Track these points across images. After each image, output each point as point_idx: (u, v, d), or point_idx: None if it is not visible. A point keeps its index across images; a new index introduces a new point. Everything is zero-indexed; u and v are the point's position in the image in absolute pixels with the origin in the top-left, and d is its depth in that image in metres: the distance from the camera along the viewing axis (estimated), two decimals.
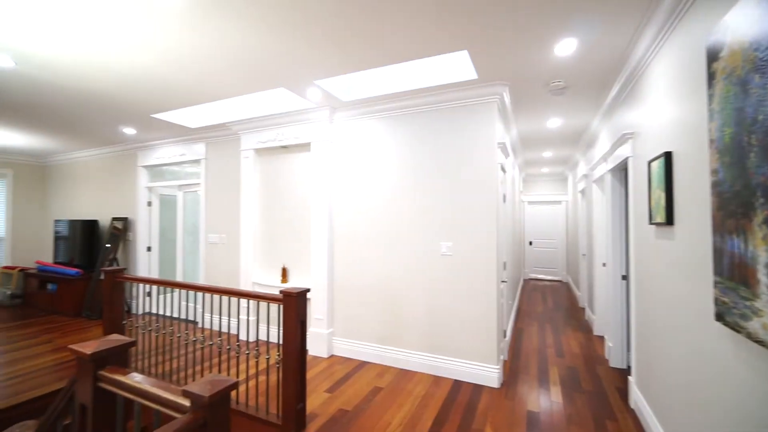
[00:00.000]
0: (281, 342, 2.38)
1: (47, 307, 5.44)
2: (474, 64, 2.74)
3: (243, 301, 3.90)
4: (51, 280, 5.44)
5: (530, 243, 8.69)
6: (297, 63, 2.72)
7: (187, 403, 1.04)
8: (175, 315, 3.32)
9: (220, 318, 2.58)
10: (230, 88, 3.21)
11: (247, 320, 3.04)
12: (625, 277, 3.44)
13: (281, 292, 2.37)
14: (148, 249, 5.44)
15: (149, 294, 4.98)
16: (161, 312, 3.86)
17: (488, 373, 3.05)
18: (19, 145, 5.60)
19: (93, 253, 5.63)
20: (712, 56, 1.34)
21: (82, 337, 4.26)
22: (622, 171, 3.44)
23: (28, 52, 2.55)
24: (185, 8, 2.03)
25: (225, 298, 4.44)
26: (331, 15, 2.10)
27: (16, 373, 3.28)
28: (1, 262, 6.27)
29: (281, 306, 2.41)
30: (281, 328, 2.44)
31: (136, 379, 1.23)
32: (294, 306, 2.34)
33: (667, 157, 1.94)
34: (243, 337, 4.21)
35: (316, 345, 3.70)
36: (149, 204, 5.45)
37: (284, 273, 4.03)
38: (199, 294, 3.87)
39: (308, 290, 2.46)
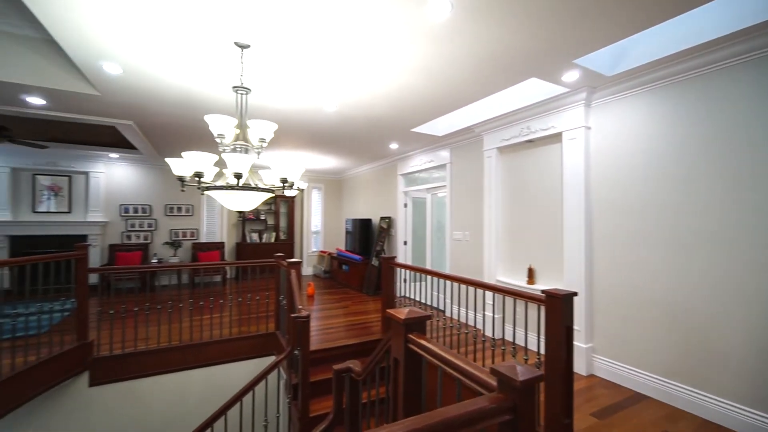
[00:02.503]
0: (544, 346, 2.22)
1: (343, 282, 7.49)
2: None
3: (488, 298, 3.98)
4: (345, 263, 7.45)
5: None
6: (551, 46, 2.48)
7: (493, 381, 1.08)
8: (425, 301, 3.77)
9: (468, 311, 2.69)
10: (477, 90, 3.32)
11: (494, 317, 3.04)
12: None
13: (544, 292, 2.20)
14: (405, 243, 6.51)
15: (405, 280, 5.95)
16: (414, 297, 4.50)
17: None
18: (328, 167, 8.03)
19: (368, 244, 7.30)
20: None
21: (364, 308, 5.57)
22: None
23: (344, 98, 3.54)
24: (445, 20, 2.22)
25: (474, 291, 4.69)
26: None
27: (329, 326, 4.64)
28: (319, 248, 9.19)
29: (541, 307, 2.24)
30: (542, 332, 2.28)
31: (435, 348, 1.41)
32: (559, 309, 2.12)
33: None
34: (486, 332, 4.29)
35: None
36: (405, 206, 6.53)
37: (531, 273, 3.81)
38: (446, 285, 4.30)
39: (575, 294, 2.17)
